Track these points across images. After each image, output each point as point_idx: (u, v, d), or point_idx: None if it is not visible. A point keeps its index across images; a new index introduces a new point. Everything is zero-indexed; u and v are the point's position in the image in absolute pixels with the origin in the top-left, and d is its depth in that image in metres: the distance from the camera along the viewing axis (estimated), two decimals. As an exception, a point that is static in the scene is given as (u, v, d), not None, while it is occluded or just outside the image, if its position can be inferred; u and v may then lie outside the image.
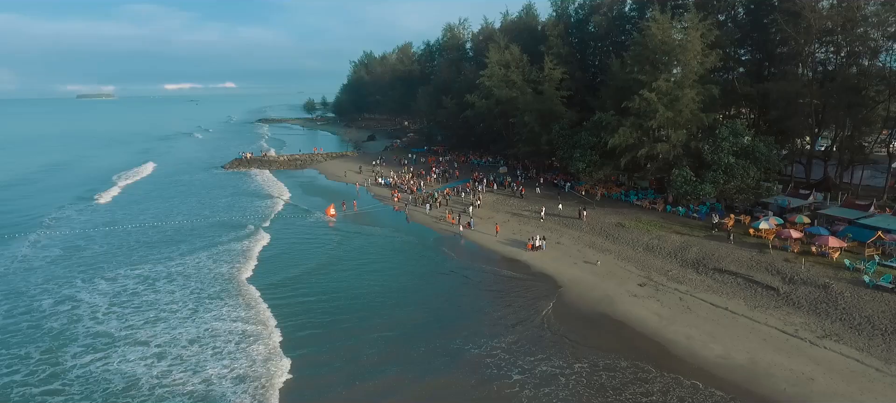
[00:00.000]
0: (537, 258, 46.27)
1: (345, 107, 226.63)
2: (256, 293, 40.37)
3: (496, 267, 45.07)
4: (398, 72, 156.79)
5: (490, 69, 79.31)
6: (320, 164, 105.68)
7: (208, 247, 52.19)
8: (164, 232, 58.35)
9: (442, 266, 46.05)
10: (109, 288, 42.54)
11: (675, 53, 50.58)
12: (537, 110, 70.14)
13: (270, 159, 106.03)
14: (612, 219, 53.14)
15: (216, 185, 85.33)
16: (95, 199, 74.30)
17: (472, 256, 48.19)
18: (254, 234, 55.98)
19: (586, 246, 47.99)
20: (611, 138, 53.80)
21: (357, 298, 39.19)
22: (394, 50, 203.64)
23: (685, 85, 51.42)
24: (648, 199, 57.25)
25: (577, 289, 39.29)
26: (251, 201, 72.83)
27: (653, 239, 47.07)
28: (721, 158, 48.74)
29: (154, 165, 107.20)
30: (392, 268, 45.92)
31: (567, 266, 43.99)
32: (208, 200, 73.76)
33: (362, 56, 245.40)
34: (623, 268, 42.55)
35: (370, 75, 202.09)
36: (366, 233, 56.04)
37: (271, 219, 62.32)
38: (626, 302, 36.90)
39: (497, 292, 39.47)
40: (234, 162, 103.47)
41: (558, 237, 50.68)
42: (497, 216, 59.98)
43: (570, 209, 57.85)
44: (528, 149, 70.52)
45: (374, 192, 77.36)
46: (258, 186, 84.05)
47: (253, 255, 49.30)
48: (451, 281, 42.25)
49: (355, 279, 42.95)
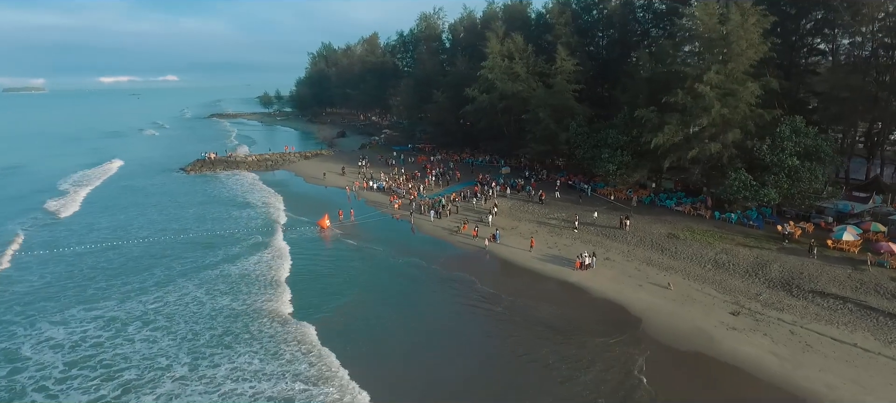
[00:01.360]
0: (591, 279, 39.56)
1: (306, 102, 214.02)
2: (278, 332, 31.99)
3: (545, 293, 37.95)
4: (369, 65, 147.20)
5: (491, 60, 72.07)
6: (294, 165, 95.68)
7: (189, 273, 42.78)
8: (125, 254, 48.15)
9: (475, 296, 37.90)
10: (63, 336, 33.00)
11: (729, 42, 44.84)
12: (551, 106, 63.53)
13: (238, 160, 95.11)
14: (659, 229, 47.14)
15: (180, 192, 74.34)
16: (31, 214, 62.34)
17: (510, 279, 40.89)
18: (244, 255, 46.68)
19: (643, 263, 41.68)
20: (654, 137, 47.70)
21: (375, 345, 31.35)
22: (359, 41, 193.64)
23: (738, 77, 45.91)
24: (689, 204, 51.67)
25: (658, 321, 32.77)
26: (226, 211, 62.83)
27: (718, 253, 41.26)
28: (783, 159, 43.51)
29: (106, 168, 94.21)
30: (412, 302, 37.99)
31: (631, 289, 37.48)
32: (174, 211, 63.17)
33: (321, 48, 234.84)
34: (701, 291, 36.41)
35: (334, 68, 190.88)
36: (368, 252, 47.48)
37: (254, 235, 52.90)
38: (725, 337, 30.67)
39: (561, 333, 31.88)
40: (197, 163, 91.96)
41: (605, 251, 44.18)
42: (521, 225, 52.97)
43: (606, 216, 51.53)
44: (544, 148, 63.84)
45: (367, 198, 68.81)
46: (229, 192, 73.69)
47: (256, 282, 40.55)
48: (497, 321, 34.10)
49: (364, 324, 34.64)
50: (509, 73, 71.82)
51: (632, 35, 73.64)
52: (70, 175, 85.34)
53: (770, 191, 43.32)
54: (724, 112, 44.64)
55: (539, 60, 72.72)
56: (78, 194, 72.49)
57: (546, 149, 63.89)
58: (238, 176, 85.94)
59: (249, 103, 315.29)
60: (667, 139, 47.40)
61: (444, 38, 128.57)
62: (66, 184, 79.48)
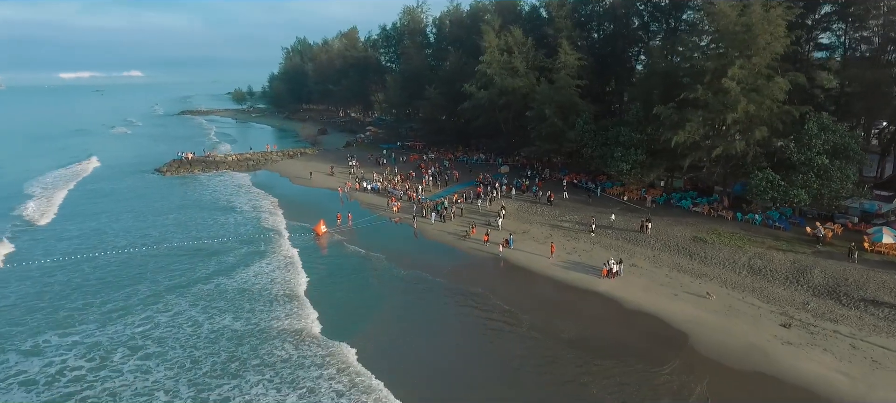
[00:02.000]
0: (621, 288, 36.87)
1: (282, 98, 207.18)
2: (293, 356, 28.20)
3: (574, 306, 35.07)
4: (350, 59, 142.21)
5: (488, 55, 68.88)
6: (277, 165, 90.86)
7: (178, 288, 38.54)
8: (102, 267, 43.44)
9: (497, 313, 34.49)
10: (36, 370, 28.74)
11: (753, 35, 42.65)
12: (556, 102, 60.75)
13: (217, 160, 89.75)
14: (682, 232, 44.82)
15: (156, 196, 69.04)
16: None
17: (531, 291, 37.90)
18: (239, 266, 42.52)
19: (673, 270, 39.21)
20: (675, 135, 45.31)
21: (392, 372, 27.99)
22: (337, 35, 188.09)
23: (761, 72, 43.83)
24: (708, 204, 49.59)
25: (706, 337, 30.21)
26: (210, 217, 58.16)
27: (751, 257, 39.08)
28: (812, 158, 41.63)
29: (77, 169, 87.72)
30: (429, 322, 34.70)
31: (667, 299, 34.91)
32: (152, 218, 58.16)
33: (296, 42, 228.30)
34: (743, 301, 34.07)
35: (311, 63, 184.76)
36: (373, 262, 43.88)
37: (246, 243, 48.63)
38: (782, 353, 28.30)
39: (603, 355, 28.66)
40: (173, 163, 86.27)
41: (628, 257, 41.58)
42: (532, 229, 50.08)
43: (624, 219, 49.02)
44: (551, 146, 61.03)
45: (361, 200, 64.94)
46: (212, 195, 68.78)
47: (259, 296, 36.67)
48: (528, 344, 30.60)
49: (377, 347, 31.26)
50: (508, 68, 68.77)
51: (630, 29, 71.35)
52: (35, 178, 78.80)
53: (800, 192, 41.40)
54: (750, 108, 42.52)
55: (539, 54, 69.90)
56: (52, 199, 66.51)
57: (553, 148, 61.07)
58: (219, 177, 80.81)
59: (220, 99, 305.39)
60: (688, 137, 45.10)
61: (428, 33, 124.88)
62: (35, 187, 73.33)
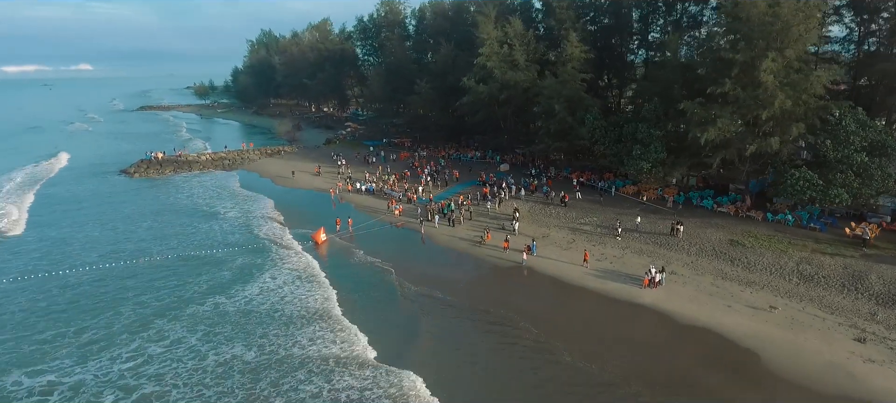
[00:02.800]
0: (667, 300, 33.93)
1: (250, 92, 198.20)
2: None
3: (621, 324, 31.91)
4: (325, 53, 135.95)
5: (488, 47, 65.18)
6: (255, 164, 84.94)
7: (169, 311, 33.53)
8: (73, 287, 37.83)
9: (527, 339, 31.38)
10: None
11: (787, 25, 40.37)
12: (565, 97, 57.64)
13: (189, 160, 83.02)
14: (714, 234, 42.31)
15: (126, 201, 62.60)
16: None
17: (568, 304, 34.59)
18: (238, 282, 37.63)
19: (717, 277, 36.53)
20: (704, 132, 42.71)
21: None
22: (307, 27, 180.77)
23: (794, 65, 41.68)
24: (734, 204, 47.41)
25: (779, 357, 27.42)
26: (191, 224, 52.61)
27: (798, 262, 36.78)
28: (850, 155, 39.73)
29: (33, 171, 79.72)
30: (470, 355, 30.93)
31: (721, 312, 32.11)
32: (123, 227, 52.16)
33: (261, 35, 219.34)
34: (804, 312, 31.57)
35: (279, 56, 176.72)
36: (379, 278, 39.57)
37: (241, 254, 43.58)
38: (868, 373, 25.80)
39: (667, 387, 25.57)
40: (141, 164, 79.18)
41: (664, 264, 38.72)
42: (551, 233, 46.79)
43: (650, 221, 46.26)
44: (561, 144, 57.82)
45: (355, 202, 60.35)
46: (190, 199, 62.83)
47: (270, 318, 31.74)
48: (577, 378, 27.17)
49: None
50: (508, 61, 65.28)
51: (629, 22, 68.96)
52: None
53: (840, 192, 39.45)
54: (787, 104, 40.29)
55: (540, 46, 66.72)
56: (3, 207, 59.32)
57: (562, 146, 57.93)
58: (195, 178, 74.54)
59: (181, 94, 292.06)
60: (719, 134, 42.60)
61: (407, 24, 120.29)
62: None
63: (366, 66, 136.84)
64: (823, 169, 41.01)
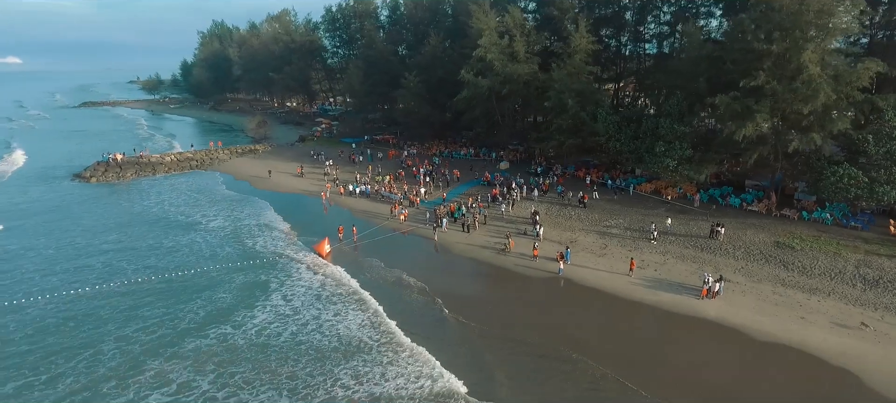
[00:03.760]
0: (732, 312, 30.97)
1: (205, 87, 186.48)
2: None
3: (693, 345, 28.72)
4: (292, 45, 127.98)
5: (487, 38, 61.03)
6: (226, 164, 77.95)
7: (161, 350, 27.87)
8: (31, 321, 31.52)
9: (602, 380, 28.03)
10: None
11: (828, 13, 38.24)
12: (576, 91, 54.31)
13: (152, 161, 75.00)
14: (756, 236, 39.85)
15: (85, 210, 55.15)
16: None
17: (624, 324, 31.16)
18: (241, 306, 32.11)
19: (776, 284, 33.88)
20: (742, 128, 40.17)
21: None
22: (266, 18, 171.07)
23: (828, 56, 39.67)
24: (762, 201, 45.31)
25: (877, 376, 24.84)
26: (167, 237, 46.31)
27: (855, 265, 34.61)
28: (894, 150, 38.05)
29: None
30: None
31: (797, 324, 29.34)
32: (85, 242, 45.39)
33: (213, 26, 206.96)
34: (883, 321, 29.21)
35: (238, 48, 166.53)
36: (414, 296, 35.20)
37: (235, 273, 37.92)
38: None
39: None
40: (99, 167, 70.71)
41: (714, 270, 35.89)
42: (579, 238, 43.29)
43: (678, 222, 43.49)
44: (575, 141, 54.37)
45: (350, 206, 55.17)
46: (159, 207, 55.93)
47: (288, 355, 26.52)
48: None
49: None
50: (507, 53, 61.40)
51: (625, 14, 66.55)
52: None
53: (888, 189, 37.72)
54: (832, 97, 38.23)
55: (541, 37, 63.25)
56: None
57: (577, 142, 54.51)
58: (163, 182, 67.25)
59: (125, 89, 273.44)
60: (757, 129, 40.19)
61: (379, 14, 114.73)
62: None
63: (336, 59, 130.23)
64: (860, 165, 39.27)
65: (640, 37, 68.98)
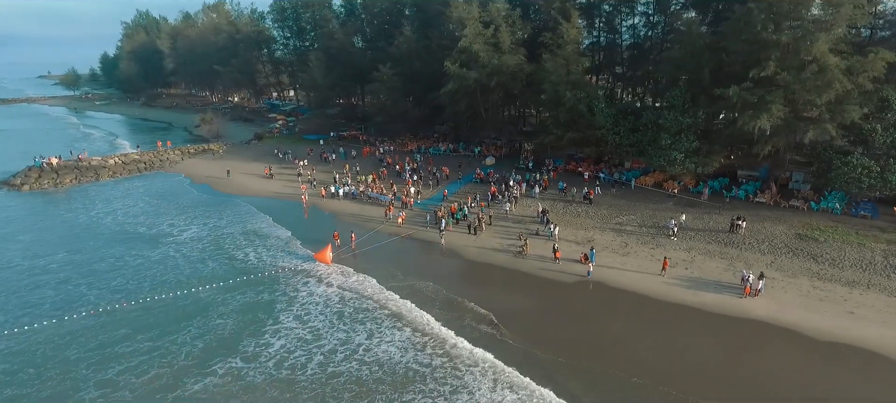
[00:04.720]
0: (780, 310, 29.73)
1: (134, 81, 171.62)
2: None
3: (759, 352, 27.17)
4: (238, 35, 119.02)
5: (471, 28, 57.84)
6: (179, 166, 70.62)
7: (163, 394, 22.87)
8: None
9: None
10: None
11: (841, 2, 38.00)
12: (571, 83, 52.25)
13: (94, 165, 66.30)
14: (775, 228, 39.18)
15: (18, 225, 47.39)
16: None
17: (679, 334, 29.20)
18: (243, 337, 27.33)
19: (812, 277, 33.06)
20: (755, 119, 39.37)
21: None
22: (200, 8, 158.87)
23: (837, 46, 39.57)
24: (769, 193, 45.03)
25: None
26: (130, 252, 40.18)
27: (883, 255, 34.30)
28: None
29: None
30: None
31: (848, 320, 28.44)
32: (28, 264, 38.68)
33: (138, 17, 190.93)
34: (933, 314, 28.88)
35: (170, 40, 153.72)
36: (431, 305, 31.75)
37: (226, 292, 32.83)
38: None
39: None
40: (30, 173, 61.46)
41: (745, 266, 34.77)
42: (596, 236, 41.15)
43: (691, 216, 42.31)
44: (574, 135, 52.17)
45: (334, 209, 50.56)
46: (112, 218, 48.97)
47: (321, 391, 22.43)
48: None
49: None
50: (491, 44, 58.51)
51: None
52: None
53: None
54: (849, 86, 38.05)
55: (526, 25, 60.86)
56: None
57: (574, 136, 52.38)
58: (110, 188, 59.58)
59: (38, 84, 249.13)
60: (772, 121, 39.52)
61: (331, 4, 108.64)
62: None
63: (285, 51, 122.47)
64: (867, 154, 39.54)
65: (614, 29, 67.83)
